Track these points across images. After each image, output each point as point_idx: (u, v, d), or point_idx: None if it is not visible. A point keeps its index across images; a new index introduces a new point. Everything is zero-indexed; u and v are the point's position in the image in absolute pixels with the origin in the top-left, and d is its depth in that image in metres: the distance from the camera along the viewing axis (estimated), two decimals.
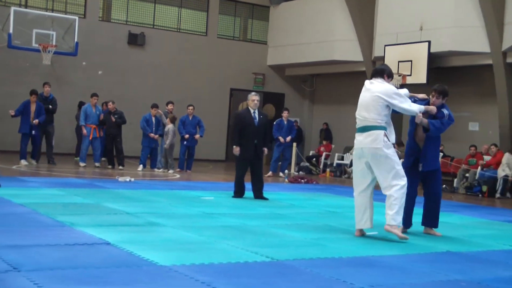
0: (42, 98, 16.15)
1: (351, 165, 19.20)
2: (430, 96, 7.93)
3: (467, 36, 17.45)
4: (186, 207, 9.18)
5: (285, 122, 17.63)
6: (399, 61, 18.75)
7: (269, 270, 5.23)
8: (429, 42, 17.98)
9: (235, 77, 23.54)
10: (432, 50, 17.98)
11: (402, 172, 7.22)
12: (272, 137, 16.64)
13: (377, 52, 19.89)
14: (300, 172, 19.01)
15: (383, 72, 7.62)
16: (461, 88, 19.42)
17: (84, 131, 16.07)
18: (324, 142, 21.30)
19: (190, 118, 17.10)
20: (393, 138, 7.31)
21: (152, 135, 16.24)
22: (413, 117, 7.74)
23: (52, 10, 20.33)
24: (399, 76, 18.76)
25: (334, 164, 20.09)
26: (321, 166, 20.11)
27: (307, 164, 20.08)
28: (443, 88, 7.89)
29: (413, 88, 19.99)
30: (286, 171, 17.35)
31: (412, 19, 18.78)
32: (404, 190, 7.15)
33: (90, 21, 21.10)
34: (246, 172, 11.08)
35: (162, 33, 22.46)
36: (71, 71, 20.51)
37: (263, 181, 11.21)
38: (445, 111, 7.82)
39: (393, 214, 7.09)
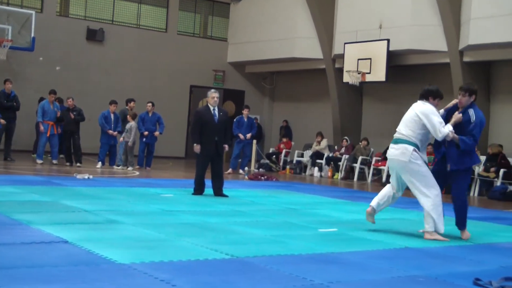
0: (4, 95, 15.90)
1: (313, 164, 19.30)
2: (458, 95, 7.85)
3: (425, 34, 17.66)
4: (145, 204, 9.12)
5: (245, 119, 17.63)
6: (358, 59, 18.90)
7: (229, 267, 5.22)
8: (388, 40, 18.15)
9: (195, 74, 23.45)
10: (391, 48, 18.16)
11: (431, 182, 7.44)
12: (232, 134, 16.62)
13: (337, 49, 20.01)
14: (260, 169, 19.03)
15: (429, 94, 7.85)
16: (419, 86, 19.47)
17: (41, 127, 15.86)
18: (284, 140, 21.35)
19: (150, 115, 16.98)
20: (425, 156, 7.67)
21: (110, 132, 16.08)
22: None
23: (8, 4, 19.96)
24: (359, 74, 18.91)
25: (294, 161, 20.15)
26: (281, 163, 20.16)
27: (267, 161, 20.11)
28: (468, 86, 7.81)
29: (372, 85, 20.24)
30: (246, 168, 17.32)
31: (371, 17, 18.94)
32: (435, 200, 7.34)
33: (47, 16, 20.78)
34: (206, 170, 11.05)
35: (121, 29, 22.27)
36: (28, 66, 20.19)
37: (223, 178, 11.19)
38: (472, 113, 7.62)
39: (428, 227, 7.41)
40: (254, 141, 18.62)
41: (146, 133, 16.72)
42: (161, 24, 23.25)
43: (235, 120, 17.68)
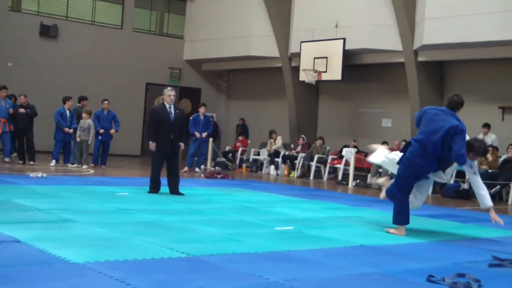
0: None
1: (271, 162, 19.33)
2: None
3: (380, 34, 17.84)
4: (100, 203, 9.01)
5: (202, 118, 17.57)
6: (314, 58, 19.00)
7: (185, 266, 5.18)
8: (344, 39, 18.29)
9: (151, 71, 23.29)
10: (347, 47, 18.30)
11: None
12: (188, 132, 16.56)
13: (293, 48, 20.09)
14: (217, 168, 18.98)
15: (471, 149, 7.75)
16: (374, 85, 19.88)
17: None
18: (240, 138, 21.36)
19: (105, 112, 16.82)
20: None
21: (66, 129, 15.85)
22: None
23: None
24: (315, 72, 19.00)
25: (250, 160, 20.16)
26: (237, 162, 20.15)
27: (224, 159, 20.08)
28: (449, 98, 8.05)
29: (328, 84, 20.36)
30: (202, 166, 17.29)
31: (328, 16, 19.06)
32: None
33: None
34: (162, 168, 10.98)
35: (75, 25, 21.98)
36: None
37: (179, 176, 11.13)
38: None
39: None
40: (211, 139, 18.57)
41: (101, 131, 16.55)
42: (116, 21, 23.02)
43: (191, 118, 17.61)
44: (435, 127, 7.51)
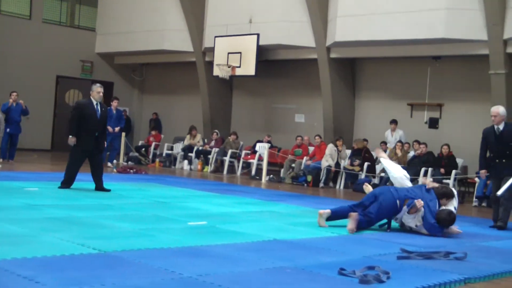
0: None
1: (185, 157, 19.24)
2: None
3: (294, 30, 18.02)
4: (8, 198, 8.75)
5: (114, 112, 17.30)
6: (228, 53, 19.01)
7: (96, 262, 5.10)
8: (258, 35, 18.37)
9: (62, 64, 22.72)
10: (261, 43, 18.39)
11: None
12: None
13: (207, 43, 20.03)
14: (129, 162, 18.75)
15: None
16: (288, 81, 20.08)
17: None
18: (154, 132, 21.16)
19: (14, 105, 16.34)
20: None
21: None
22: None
23: None
24: (229, 67, 19.02)
25: (164, 154, 20.02)
26: (150, 156, 19.97)
27: (136, 154, 19.85)
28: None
29: (242, 79, 20.43)
30: (115, 161, 17.03)
31: (242, 12, 19.10)
32: None
33: None
34: (82, 164, 10.74)
35: None
36: None
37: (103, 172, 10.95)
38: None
39: None
40: (123, 134, 18.33)
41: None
42: (24, 11, 22.33)
43: None
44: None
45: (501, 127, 9.52)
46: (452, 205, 8.26)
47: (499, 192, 9.03)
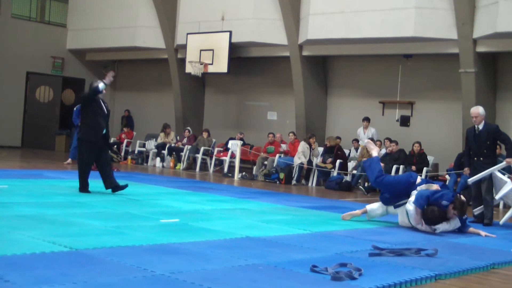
0: None
1: (157, 154, 19.16)
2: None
3: (266, 28, 18.04)
4: None
5: None
6: (201, 50, 18.97)
7: (67, 260, 5.05)
8: (230, 32, 18.36)
9: (32, 60, 22.48)
10: (233, 40, 18.37)
11: None
12: (73, 123, 16.17)
13: (179, 40, 19.97)
14: None
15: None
16: (260, 78, 20.09)
17: None
18: (126, 129, 21.05)
19: None
20: None
21: None
22: None
23: None
24: (201, 65, 18.98)
25: (136, 152, 19.92)
26: (123, 154, 19.86)
27: (108, 151, 19.70)
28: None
29: (214, 76, 20.39)
30: None
31: (214, 9, 19.07)
32: None
33: None
34: (93, 162, 10.61)
35: None
36: None
37: None
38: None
39: None
40: None
41: None
42: None
43: (75, 109, 17.10)
44: None
45: (480, 126, 9.89)
46: (447, 225, 8.32)
47: (470, 180, 9.83)
